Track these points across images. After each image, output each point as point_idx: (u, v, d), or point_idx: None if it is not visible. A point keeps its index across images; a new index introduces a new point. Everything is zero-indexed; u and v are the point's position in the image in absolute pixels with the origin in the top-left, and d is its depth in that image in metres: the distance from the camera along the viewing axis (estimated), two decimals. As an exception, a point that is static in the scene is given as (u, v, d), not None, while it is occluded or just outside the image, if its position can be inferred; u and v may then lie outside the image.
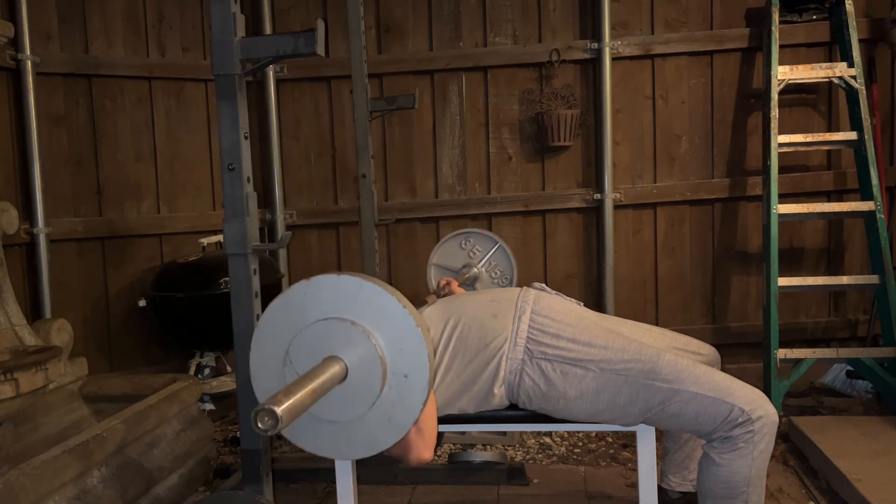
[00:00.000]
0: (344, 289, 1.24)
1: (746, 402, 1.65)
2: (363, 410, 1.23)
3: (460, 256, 2.87)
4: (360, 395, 1.23)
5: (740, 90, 3.45)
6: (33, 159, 3.03)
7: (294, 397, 1.07)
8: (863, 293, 3.43)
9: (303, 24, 3.52)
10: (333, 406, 1.23)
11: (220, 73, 1.47)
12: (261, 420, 1.02)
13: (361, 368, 1.22)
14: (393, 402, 1.23)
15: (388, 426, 1.24)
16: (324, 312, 1.24)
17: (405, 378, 1.23)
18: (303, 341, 1.25)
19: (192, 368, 3.18)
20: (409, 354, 1.22)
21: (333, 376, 1.19)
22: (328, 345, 1.23)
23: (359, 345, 1.22)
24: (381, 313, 1.22)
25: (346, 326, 1.22)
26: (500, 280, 2.86)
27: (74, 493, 1.87)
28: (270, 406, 1.02)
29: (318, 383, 1.14)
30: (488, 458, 2.57)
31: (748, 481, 1.67)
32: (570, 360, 1.74)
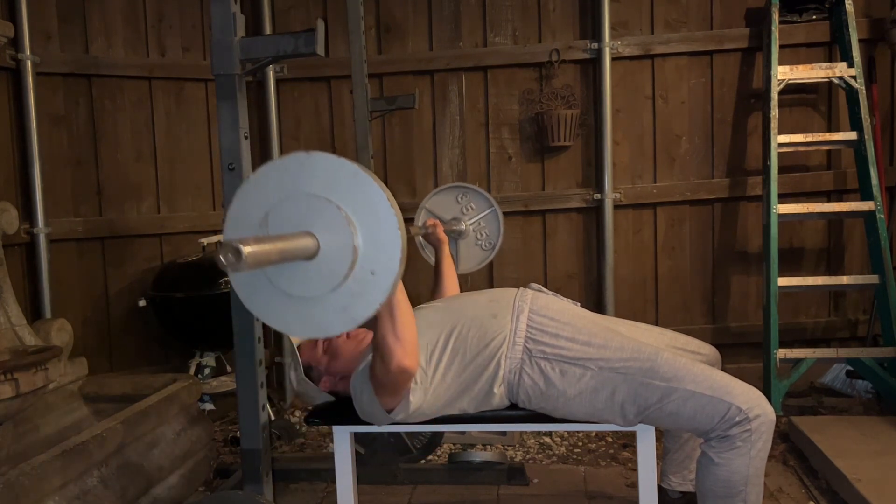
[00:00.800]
0: (340, 172, 1.24)
1: (744, 400, 1.65)
2: (322, 292, 1.23)
3: (453, 209, 2.81)
4: (324, 277, 1.22)
5: (740, 90, 3.45)
6: (33, 159, 3.03)
7: (262, 245, 1.07)
8: (863, 293, 3.43)
9: (303, 24, 3.52)
10: (295, 279, 1.24)
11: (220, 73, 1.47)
12: (224, 254, 1.01)
13: (333, 252, 1.22)
14: (353, 293, 1.23)
15: (341, 314, 1.24)
16: (313, 188, 1.24)
17: (372, 274, 1.22)
18: (284, 210, 1.25)
19: (192, 368, 3.18)
20: (382, 253, 1.22)
21: (305, 247, 1.19)
22: (308, 220, 1.23)
23: (337, 228, 1.22)
24: (368, 206, 1.22)
25: (331, 208, 1.22)
26: (484, 244, 2.81)
27: (74, 493, 1.87)
28: (238, 244, 1.02)
29: (288, 245, 1.15)
30: (488, 458, 2.57)
31: (746, 480, 1.67)
32: (569, 358, 1.74)
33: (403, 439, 2.54)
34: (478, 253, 2.82)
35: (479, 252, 2.82)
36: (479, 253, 2.82)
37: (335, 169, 1.23)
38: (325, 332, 1.27)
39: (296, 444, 2.99)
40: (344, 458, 1.89)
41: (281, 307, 1.27)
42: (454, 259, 2.72)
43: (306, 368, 1.92)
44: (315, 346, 1.93)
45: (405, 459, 2.56)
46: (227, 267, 1.02)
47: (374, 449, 2.54)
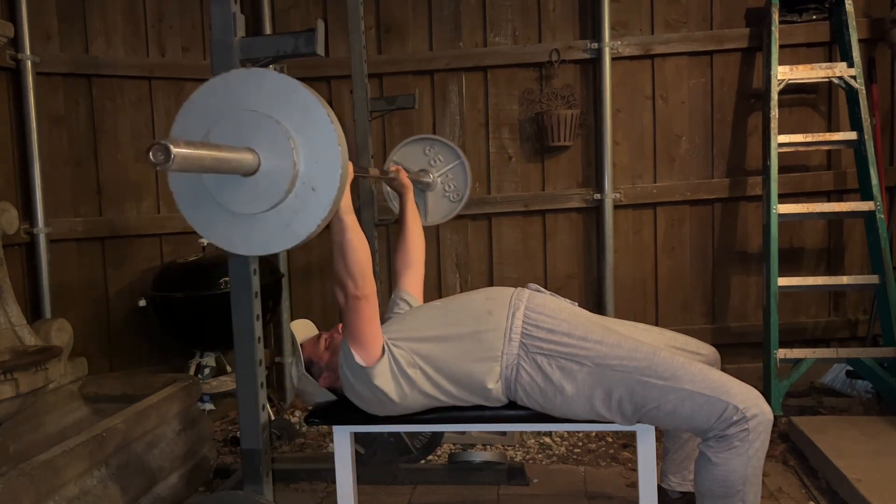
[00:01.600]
0: (280, 87, 1.25)
1: (741, 400, 1.65)
2: (264, 208, 1.24)
3: (420, 161, 2.80)
4: (266, 193, 1.24)
5: (740, 90, 3.44)
6: (33, 159, 3.03)
7: (194, 148, 1.08)
8: (863, 293, 3.43)
9: (303, 24, 3.52)
10: (238, 197, 1.25)
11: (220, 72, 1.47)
12: (154, 153, 1.02)
13: (273, 168, 1.23)
14: (295, 209, 1.24)
15: (285, 231, 1.26)
16: (254, 104, 1.25)
17: (313, 191, 1.24)
18: (225, 127, 1.26)
19: (192, 368, 3.18)
20: (323, 169, 1.23)
21: (242, 160, 1.20)
22: (249, 136, 1.24)
23: (277, 144, 1.23)
24: (309, 121, 1.23)
25: (272, 124, 1.23)
26: (452, 195, 2.80)
27: (74, 493, 1.87)
28: (167, 142, 1.02)
29: (223, 155, 1.15)
30: (488, 458, 2.57)
31: (745, 480, 1.67)
32: (566, 354, 1.75)
33: (403, 439, 2.54)
34: (446, 204, 2.81)
35: (447, 203, 2.81)
36: (447, 204, 2.81)
37: (277, 85, 1.24)
38: (267, 248, 1.28)
39: (296, 444, 2.99)
40: (344, 458, 1.89)
41: (224, 224, 1.29)
42: (423, 211, 2.70)
43: (307, 364, 1.93)
44: (317, 343, 1.95)
45: (405, 459, 2.56)
46: (156, 165, 1.02)
47: (374, 449, 2.54)
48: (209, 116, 1.27)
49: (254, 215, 1.26)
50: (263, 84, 1.25)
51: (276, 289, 3.27)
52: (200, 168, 1.12)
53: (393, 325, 1.91)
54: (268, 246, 1.28)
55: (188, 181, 1.30)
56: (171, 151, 1.02)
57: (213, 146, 1.15)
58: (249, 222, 1.27)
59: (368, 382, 1.75)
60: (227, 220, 1.28)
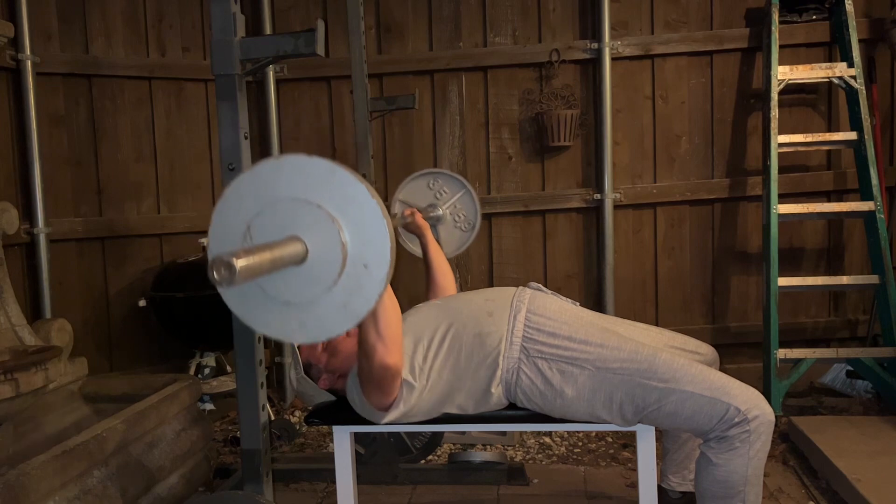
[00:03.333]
0: (314, 171, 1.22)
1: (742, 401, 1.65)
2: (319, 294, 1.22)
3: (427, 196, 2.80)
4: (318, 278, 1.21)
5: (740, 90, 3.45)
6: (33, 159, 3.03)
7: (253, 256, 1.06)
8: (863, 293, 3.43)
9: (303, 24, 3.52)
10: (290, 286, 1.22)
11: (220, 73, 1.47)
12: (217, 270, 0.99)
13: (322, 252, 1.21)
14: (350, 289, 1.22)
15: (342, 312, 1.23)
16: (291, 192, 1.23)
17: (365, 268, 1.21)
18: (266, 218, 1.23)
19: (192, 368, 3.18)
20: (371, 245, 1.21)
21: (294, 253, 1.18)
22: (292, 224, 1.22)
23: (322, 228, 1.20)
24: (350, 201, 1.21)
25: (312, 209, 1.21)
26: (463, 225, 2.80)
27: (74, 493, 1.87)
28: (229, 257, 1.00)
29: (278, 253, 1.13)
30: (488, 458, 2.57)
31: (745, 481, 1.67)
32: (567, 358, 1.74)
33: (403, 439, 2.54)
34: (458, 235, 2.80)
35: (459, 234, 2.80)
36: (459, 235, 2.80)
37: (309, 169, 1.22)
38: (328, 333, 1.25)
39: (296, 444, 2.99)
40: (344, 458, 1.89)
41: (280, 316, 1.25)
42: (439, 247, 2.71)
43: (306, 366, 1.92)
44: (315, 344, 1.94)
45: (405, 459, 2.56)
46: (221, 283, 1.00)
47: (374, 449, 2.54)
48: (246, 210, 1.24)
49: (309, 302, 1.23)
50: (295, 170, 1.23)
51: (276, 289, 3.26)
52: (260, 273, 1.09)
53: None
54: (327, 330, 1.25)
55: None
56: (235, 266, 0.99)
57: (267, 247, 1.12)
58: (304, 309, 1.24)
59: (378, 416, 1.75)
60: (283, 311, 1.25)
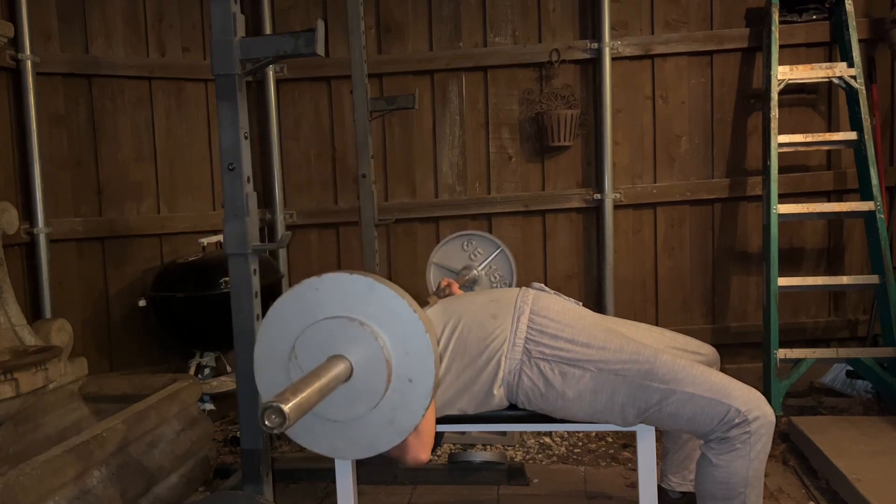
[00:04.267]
0: (354, 288, 1.24)
1: (743, 402, 1.65)
2: (365, 411, 1.23)
3: (461, 258, 2.86)
4: (364, 395, 1.22)
5: (740, 90, 3.45)
6: (33, 159, 3.03)
7: (301, 395, 1.06)
8: (863, 293, 3.43)
9: (303, 24, 3.52)
10: (335, 405, 1.23)
11: (220, 73, 1.47)
12: (268, 418, 1.01)
13: (366, 369, 1.21)
14: (395, 404, 1.23)
15: (389, 428, 1.24)
16: (332, 310, 1.24)
17: (410, 382, 1.22)
18: (310, 338, 1.24)
19: (192, 368, 3.18)
20: (415, 358, 1.22)
21: (339, 375, 1.18)
22: (335, 343, 1.22)
23: (366, 345, 1.21)
24: (391, 315, 1.22)
25: (355, 326, 1.22)
26: (500, 284, 2.87)
27: (74, 493, 1.87)
28: (278, 404, 1.01)
29: (324, 382, 1.14)
30: (488, 458, 2.57)
31: (746, 482, 1.67)
32: (568, 360, 1.74)
33: (403, 439, 2.54)
34: None
35: None
36: None
37: (349, 286, 1.23)
38: (376, 449, 1.27)
39: (296, 444, 2.99)
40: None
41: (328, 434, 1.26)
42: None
43: None
44: None
45: (405, 459, 2.55)
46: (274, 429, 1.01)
47: (375, 449, 2.54)
48: (290, 332, 1.26)
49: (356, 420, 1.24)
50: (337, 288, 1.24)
51: (276, 289, 3.27)
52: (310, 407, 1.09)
53: None
54: (374, 446, 1.26)
55: None
56: (286, 413, 1.01)
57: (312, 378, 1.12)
58: (352, 426, 1.25)
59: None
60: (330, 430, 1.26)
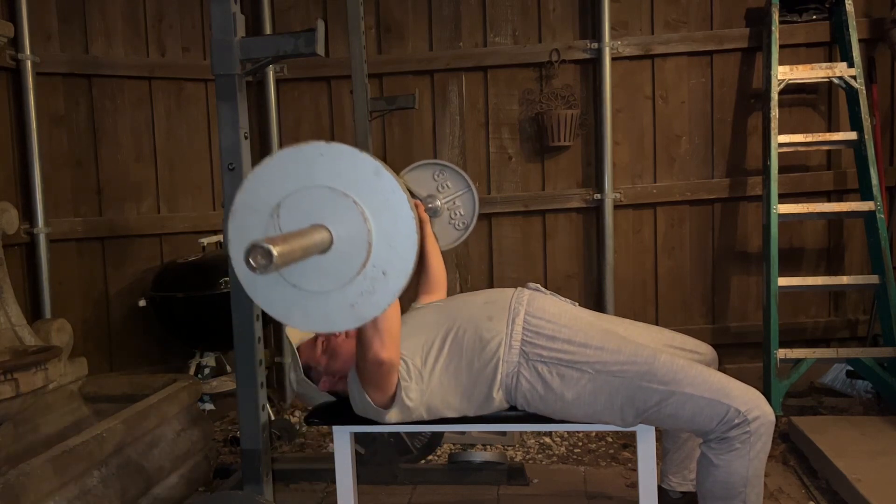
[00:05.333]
0: (360, 166, 1.20)
1: (743, 402, 1.65)
2: (331, 288, 1.21)
3: (429, 186, 2.76)
4: (335, 272, 1.20)
5: (740, 90, 3.44)
6: (33, 159, 3.03)
7: (289, 245, 1.05)
8: (863, 293, 3.43)
9: (303, 24, 3.52)
10: (306, 273, 1.21)
11: (220, 73, 1.47)
12: (254, 257, 1.00)
13: (346, 248, 1.20)
14: (362, 291, 1.21)
15: (349, 311, 1.22)
16: (331, 181, 1.21)
17: (384, 275, 1.20)
18: (300, 200, 1.22)
19: (192, 368, 3.18)
20: (396, 254, 1.20)
21: (321, 243, 1.17)
22: (323, 213, 1.20)
23: (352, 225, 1.20)
24: (388, 206, 1.20)
25: (349, 203, 1.20)
26: (458, 223, 2.78)
27: (74, 493, 1.87)
28: (268, 245, 1.00)
29: (308, 243, 1.13)
30: (488, 458, 2.57)
31: (746, 481, 1.67)
32: (566, 361, 1.74)
33: (403, 439, 2.54)
34: (450, 232, 2.78)
35: (451, 231, 2.78)
36: (451, 232, 2.78)
37: (355, 163, 1.20)
38: (329, 326, 1.25)
39: (296, 444, 2.99)
40: (344, 458, 1.89)
41: (287, 299, 1.24)
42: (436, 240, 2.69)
43: (306, 369, 1.92)
44: (314, 346, 1.93)
45: (405, 459, 2.56)
46: (256, 270, 1.00)
47: (374, 449, 2.54)
48: (281, 187, 1.23)
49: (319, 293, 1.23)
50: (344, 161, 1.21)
51: (276, 289, 3.26)
52: (293, 261, 1.09)
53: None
54: (329, 324, 1.25)
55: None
56: (273, 254, 0.99)
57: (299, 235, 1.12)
58: (312, 298, 1.23)
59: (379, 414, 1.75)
60: (290, 295, 1.24)
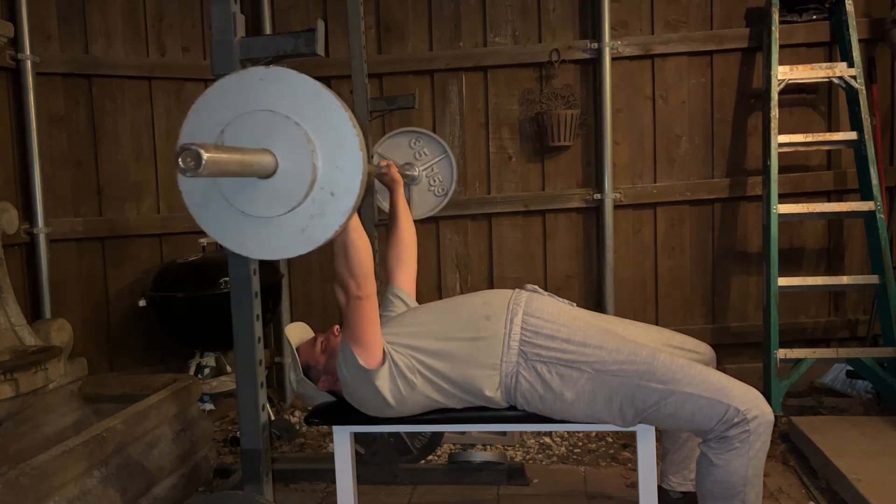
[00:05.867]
0: (301, 88, 1.21)
1: (742, 402, 1.65)
2: (281, 212, 1.21)
3: (406, 154, 2.79)
4: (283, 195, 1.21)
5: (740, 90, 3.44)
6: (33, 159, 3.03)
7: (222, 153, 1.05)
8: (863, 293, 3.43)
9: (303, 24, 3.52)
10: (253, 199, 1.22)
11: (220, 73, 1.47)
12: (183, 159, 1.00)
13: (291, 170, 1.20)
14: (312, 213, 1.21)
15: (300, 236, 1.22)
16: (272, 105, 1.21)
17: (332, 196, 1.20)
18: (242, 125, 1.22)
19: (192, 368, 3.18)
20: (343, 174, 1.20)
21: (263, 163, 1.17)
22: (266, 138, 1.20)
23: (296, 147, 1.20)
24: (330, 126, 1.20)
25: (290, 125, 1.20)
26: (437, 189, 2.80)
27: (74, 493, 1.87)
28: (198, 148, 1.00)
29: (247, 157, 1.13)
30: (488, 458, 2.57)
31: (745, 481, 1.67)
32: (565, 361, 1.74)
33: (403, 439, 2.54)
34: (430, 199, 2.81)
35: (431, 198, 2.81)
36: (431, 199, 2.81)
37: (296, 86, 1.21)
38: (282, 253, 1.25)
39: (296, 444, 2.99)
40: (344, 458, 1.89)
41: (237, 227, 1.25)
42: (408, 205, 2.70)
43: (305, 368, 1.92)
44: (313, 346, 1.94)
45: (405, 459, 2.56)
46: (185, 171, 1.00)
47: (374, 449, 2.54)
48: (224, 114, 1.24)
49: (268, 219, 1.23)
50: (284, 84, 1.21)
51: (276, 289, 3.27)
52: (226, 172, 1.09)
53: (390, 326, 1.90)
54: (282, 250, 1.25)
55: (200, 183, 1.26)
56: (203, 157, 0.99)
57: (238, 150, 1.12)
58: (264, 226, 1.23)
59: (369, 384, 1.74)
60: (240, 223, 1.24)
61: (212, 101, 1.26)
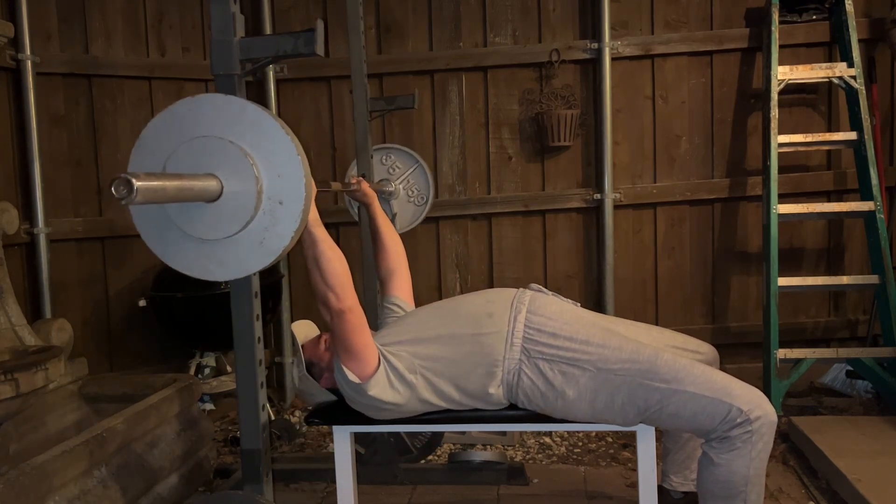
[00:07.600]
0: (227, 109, 1.25)
1: (745, 402, 1.65)
2: (235, 230, 1.25)
3: (379, 171, 2.83)
4: (233, 214, 1.24)
5: (740, 90, 3.44)
6: (33, 159, 3.03)
7: (156, 181, 1.09)
8: (863, 293, 3.43)
9: (303, 24, 3.52)
10: (205, 223, 1.25)
11: (220, 73, 1.47)
12: (116, 188, 1.04)
13: (237, 189, 1.23)
14: (266, 226, 1.25)
15: (259, 249, 1.26)
16: (205, 130, 1.25)
17: (280, 204, 1.24)
18: (182, 156, 1.26)
19: (192, 368, 3.18)
20: (286, 181, 1.23)
21: (205, 187, 1.20)
22: (206, 162, 1.24)
23: (236, 165, 1.23)
24: (263, 137, 1.24)
25: (225, 145, 1.23)
26: (416, 199, 2.83)
27: (74, 493, 1.87)
28: (128, 176, 1.04)
29: (185, 182, 1.16)
30: (488, 458, 2.57)
31: (747, 481, 1.67)
32: (568, 359, 1.74)
33: (403, 439, 2.54)
34: (412, 209, 2.85)
35: (412, 208, 2.85)
36: (412, 209, 2.85)
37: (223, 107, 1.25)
38: (244, 269, 1.28)
39: (296, 444, 2.99)
40: (344, 458, 1.89)
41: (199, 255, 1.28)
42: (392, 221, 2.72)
43: (308, 365, 1.93)
44: (318, 344, 1.95)
45: (405, 459, 2.56)
46: (121, 200, 1.04)
47: (374, 449, 2.54)
48: (163, 149, 1.27)
49: (226, 239, 1.26)
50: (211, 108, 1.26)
51: (276, 289, 3.27)
52: (164, 198, 1.12)
53: (390, 329, 1.90)
54: (244, 267, 1.28)
55: (153, 215, 1.30)
56: (134, 185, 1.03)
57: (174, 176, 1.16)
58: (222, 247, 1.27)
59: (365, 395, 1.76)
60: (200, 249, 1.28)
61: (148, 139, 1.30)
